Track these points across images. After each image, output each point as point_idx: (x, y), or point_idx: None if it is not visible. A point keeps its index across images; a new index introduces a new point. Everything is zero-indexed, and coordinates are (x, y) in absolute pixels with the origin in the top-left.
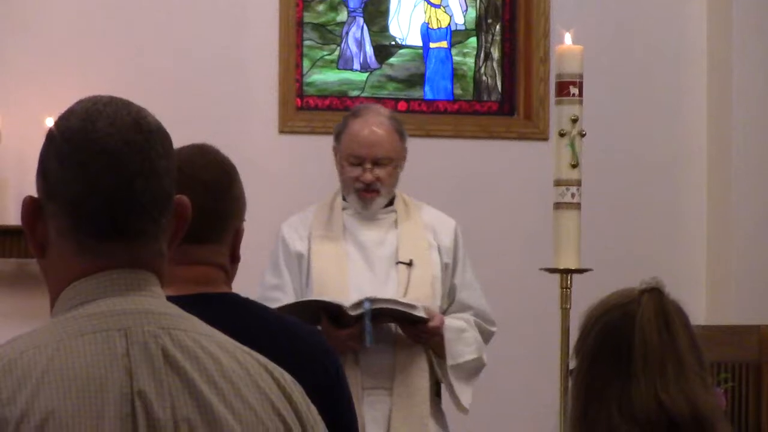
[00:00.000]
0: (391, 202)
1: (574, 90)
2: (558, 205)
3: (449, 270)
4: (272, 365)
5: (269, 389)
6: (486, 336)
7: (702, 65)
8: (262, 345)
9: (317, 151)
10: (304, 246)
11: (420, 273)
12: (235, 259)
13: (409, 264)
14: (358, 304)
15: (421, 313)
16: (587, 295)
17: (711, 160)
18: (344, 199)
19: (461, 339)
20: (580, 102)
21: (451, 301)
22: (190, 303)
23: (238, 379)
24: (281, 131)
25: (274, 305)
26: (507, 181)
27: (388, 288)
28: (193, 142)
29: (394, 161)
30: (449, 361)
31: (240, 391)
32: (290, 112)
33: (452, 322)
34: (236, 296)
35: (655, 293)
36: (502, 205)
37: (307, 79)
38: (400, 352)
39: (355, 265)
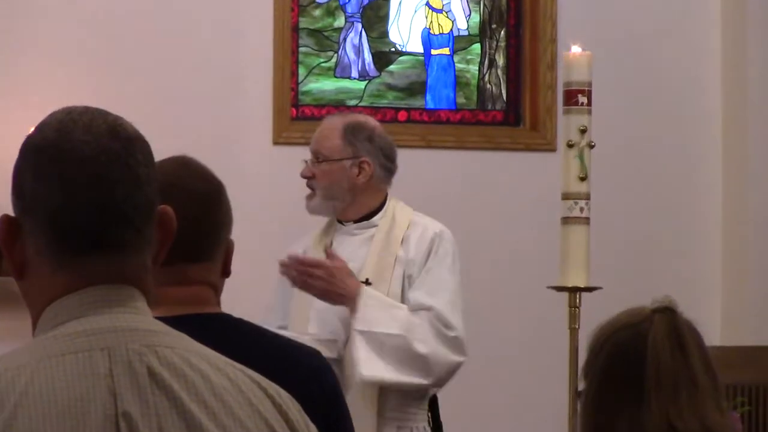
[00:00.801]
0: (370, 216)
1: (582, 99)
2: (566, 220)
3: (413, 280)
4: (267, 382)
5: (262, 406)
6: (444, 341)
7: (716, 72)
8: (254, 364)
9: None
10: None
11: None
12: (225, 273)
13: (366, 282)
14: None
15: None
16: (596, 315)
17: (726, 172)
18: None
19: (384, 309)
20: (589, 111)
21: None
22: (179, 324)
23: (229, 396)
24: (275, 142)
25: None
26: (512, 194)
27: (339, 306)
28: (173, 155)
29: (328, 160)
30: (358, 325)
31: (231, 409)
32: (285, 123)
33: (382, 296)
34: (227, 316)
35: (667, 312)
36: (508, 219)
37: (303, 87)
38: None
39: None
